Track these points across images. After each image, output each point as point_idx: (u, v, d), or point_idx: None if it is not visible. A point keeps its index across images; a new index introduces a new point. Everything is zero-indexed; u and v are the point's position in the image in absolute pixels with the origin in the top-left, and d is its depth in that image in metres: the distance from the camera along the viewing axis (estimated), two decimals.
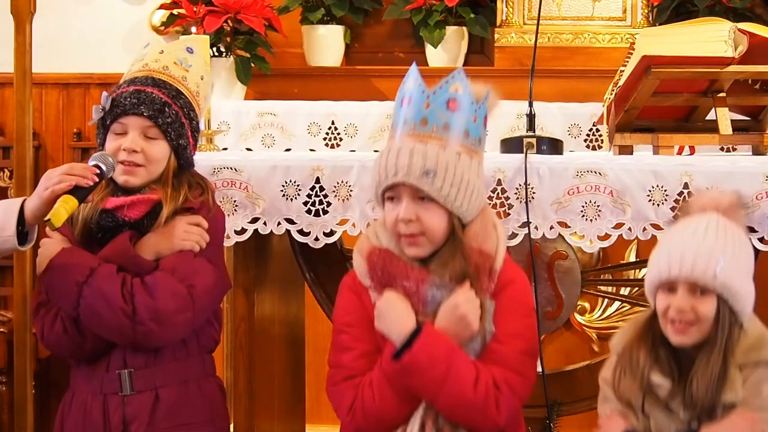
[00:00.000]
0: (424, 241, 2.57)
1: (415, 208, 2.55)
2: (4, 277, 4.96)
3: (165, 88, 2.77)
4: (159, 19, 5.06)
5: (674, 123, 3.41)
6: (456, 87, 2.56)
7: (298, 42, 4.96)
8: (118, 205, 2.73)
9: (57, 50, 5.03)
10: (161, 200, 2.74)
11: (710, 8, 4.60)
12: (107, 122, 2.77)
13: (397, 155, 2.54)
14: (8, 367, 3.84)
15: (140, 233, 2.74)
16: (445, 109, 2.55)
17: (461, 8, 4.80)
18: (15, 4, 3.48)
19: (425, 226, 2.55)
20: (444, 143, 2.54)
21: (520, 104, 3.32)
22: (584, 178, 3.01)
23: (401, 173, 2.53)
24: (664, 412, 2.45)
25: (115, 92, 2.78)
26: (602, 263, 4.44)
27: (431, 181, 2.52)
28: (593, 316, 4.59)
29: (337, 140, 4.57)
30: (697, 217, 2.49)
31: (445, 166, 2.52)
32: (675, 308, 2.43)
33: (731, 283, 2.41)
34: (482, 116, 2.60)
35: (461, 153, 2.55)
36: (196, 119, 2.83)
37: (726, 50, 3.19)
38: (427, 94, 2.56)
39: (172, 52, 2.84)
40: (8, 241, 2.70)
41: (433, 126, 2.55)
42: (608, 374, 2.55)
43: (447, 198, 2.53)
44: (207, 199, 2.80)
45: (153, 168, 2.76)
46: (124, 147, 2.73)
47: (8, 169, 4.91)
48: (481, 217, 2.62)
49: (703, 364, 2.42)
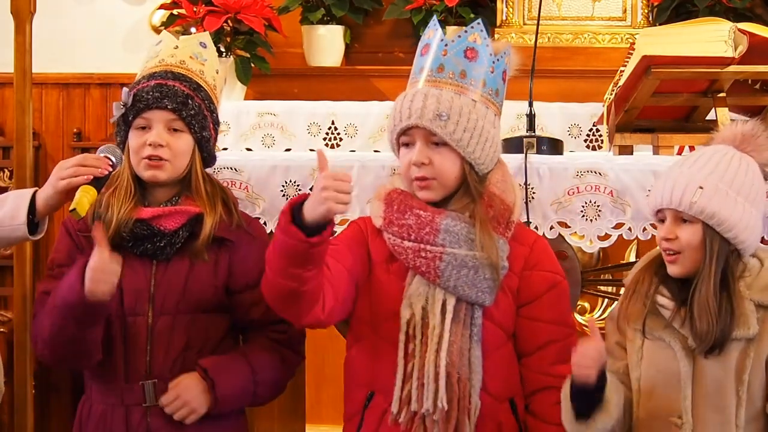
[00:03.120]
0: (436, 185, 2.58)
1: (427, 151, 2.56)
2: (4, 277, 4.96)
3: (186, 81, 2.74)
4: (159, 19, 5.06)
5: (674, 123, 3.42)
6: (475, 37, 2.58)
7: (298, 42, 4.96)
8: (154, 215, 2.70)
9: (57, 50, 5.04)
10: (198, 213, 2.71)
11: (710, 8, 4.61)
12: (129, 118, 2.72)
13: (412, 99, 2.56)
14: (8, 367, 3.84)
15: (173, 243, 2.70)
16: (463, 57, 2.57)
17: (461, 8, 4.81)
18: (15, 4, 3.48)
19: (437, 169, 2.56)
20: (460, 89, 2.56)
21: (520, 104, 3.32)
22: (584, 178, 3.01)
23: (415, 116, 2.54)
24: (669, 330, 2.48)
25: (135, 88, 2.73)
26: (602, 263, 4.43)
27: (444, 124, 2.53)
28: (593, 316, 4.59)
29: (337, 140, 4.58)
30: (703, 148, 2.55)
31: (459, 110, 2.54)
32: (661, 237, 2.49)
33: (713, 209, 2.44)
34: (500, 69, 2.61)
35: (477, 101, 2.57)
36: (216, 112, 2.81)
37: (726, 50, 3.19)
38: (446, 42, 2.59)
39: (187, 47, 2.82)
40: (19, 229, 2.72)
41: (449, 72, 2.57)
42: (615, 310, 2.61)
43: (459, 142, 2.54)
44: (240, 222, 2.76)
45: (178, 162, 2.72)
46: (149, 142, 2.68)
47: (8, 169, 4.92)
48: (501, 169, 2.64)
49: (697, 293, 2.45)
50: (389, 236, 2.60)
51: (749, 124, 2.56)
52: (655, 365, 2.50)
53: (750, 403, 2.44)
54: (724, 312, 2.43)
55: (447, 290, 2.56)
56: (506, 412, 2.61)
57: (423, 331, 2.56)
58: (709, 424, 2.44)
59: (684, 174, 2.48)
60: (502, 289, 2.59)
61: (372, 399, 2.61)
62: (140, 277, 2.70)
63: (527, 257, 2.63)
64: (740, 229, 2.46)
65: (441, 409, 2.52)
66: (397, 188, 2.65)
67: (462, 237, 2.56)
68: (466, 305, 2.56)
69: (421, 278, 2.57)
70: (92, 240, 2.65)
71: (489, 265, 2.55)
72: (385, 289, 2.61)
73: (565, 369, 2.56)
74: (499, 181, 2.61)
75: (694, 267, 2.47)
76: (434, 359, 2.54)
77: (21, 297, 3.43)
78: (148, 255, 2.70)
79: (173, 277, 2.71)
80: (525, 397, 2.64)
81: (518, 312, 2.63)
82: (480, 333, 2.57)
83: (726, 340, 2.43)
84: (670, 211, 2.48)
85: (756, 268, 2.48)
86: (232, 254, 2.75)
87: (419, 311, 2.56)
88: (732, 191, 2.46)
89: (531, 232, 2.76)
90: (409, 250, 2.57)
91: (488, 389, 2.57)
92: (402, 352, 2.56)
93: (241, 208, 2.89)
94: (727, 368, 2.44)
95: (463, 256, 2.55)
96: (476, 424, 2.56)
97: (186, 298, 2.71)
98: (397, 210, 2.60)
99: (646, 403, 2.51)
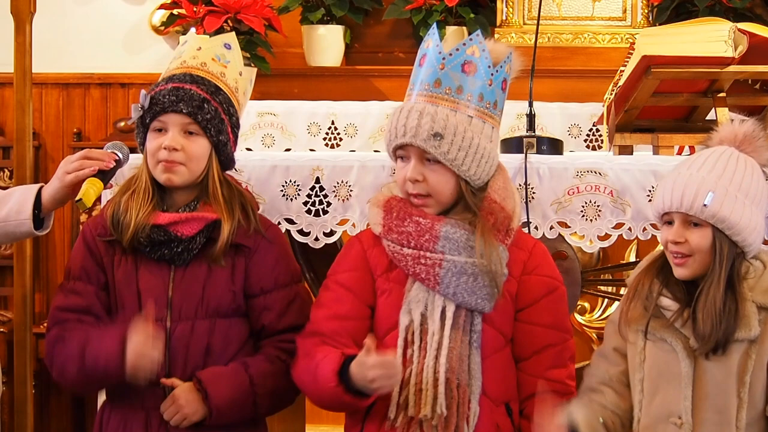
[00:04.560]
0: (432, 201, 2.58)
1: (421, 168, 2.56)
2: (4, 277, 4.96)
3: (203, 84, 2.73)
4: (159, 19, 5.06)
5: (674, 123, 3.42)
6: (473, 50, 2.57)
7: (298, 42, 4.96)
8: (172, 221, 2.69)
9: (57, 50, 5.04)
10: (215, 219, 2.70)
11: (710, 8, 4.60)
12: (147, 120, 2.72)
13: (407, 115, 2.55)
14: (8, 367, 3.84)
15: (190, 249, 2.70)
16: (460, 72, 2.56)
17: (461, 8, 4.81)
18: (15, 4, 3.48)
19: (432, 186, 2.56)
20: (456, 106, 2.55)
21: (520, 104, 3.32)
22: (584, 178, 3.01)
23: (409, 134, 2.54)
24: (670, 330, 2.48)
25: (153, 90, 2.73)
26: (602, 263, 4.44)
27: (438, 144, 2.52)
28: (593, 316, 4.59)
29: (337, 140, 4.58)
30: (707, 150, 2.54)
31: (454, 129, 2.53)
32: (669, 240, 2.48)
33: (724, 213, 2.43)
34: (499, 79, 2.60)
35: (473, 117, 2.56)
36: (236, 115, 2.79)
37: (726, 50, 3.19)
38: (443, 56, 2.57)
39: (210, 48, 2.81)
40: (24, 224, 2.72)
41: (446, 88, 2.56)
42: (615, 314, 2.60)
43: (454, 162, 2.54)
44: (258, 227, 2.76)
45: (194, 166, 2.71)
46: (164, 145, 2.68)
47: (8, 169, 4.92)
48: (502, 176, 2.64)
49: (703, 296, 2.44)
50: (388, 243, 2.60)
51: (748, 125, 2.56)
52: (657, 366, 2.50)
53: (751, 405, 2.44)
54: (728, 313, 2.42)
55: (446, 297, 2.55)
56: (503, 415, 2.60)
57: (422, 337, 2.56)
58: (710, 425, 2.44)
59: (693, 177, 2.47)
60: (501, 293, 2.58)
61: (373, 406, 2.59)
62: (158, 282, 2.70)
63: (526, 262, 2.63)
64: (748, 233, 2.46)
65: (440, 415, 2.52)
66: (395, 195, 2.64)
67: (462, 244, 2.55)
68: (466, 312, 2.56)
69: (420, 285, 2.57)
70: (110, 246, 2.69)
71: (488, 272, 2.54)
72: (386, 299, 2.62)
73: (561, 373, 2.57)
74: (500, 189, 2.61)
75: (702, 270, 2.47)
76: (433, 365, 2.54)
77: (21, 297, 3.43)
78: (165, 260, 2.70)
79: (191, 282, 2.71)
80: (520, 401, 2.63)
81: (516, 316, 2.62)
82: (479, 339, 2.57)
83: (728, 342, 2.42)
84: (679, 215, 2.47)
85: (759, 269, 2.48)
86: (248, 259, 2.75)
87: (418, 317, 2.57)
88: (740, 194, 2.46)
89: (530, 237, 2.76)
90: (409, 257, 2.57)
91: (487, 393, 2.57)
92: (400, 357, 2.56)
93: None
94: (729, 370, 2.44)
95: (463, 263, 2.55)
96: (478, 427, 2.55)
97: (204, 303, 2.70)
98: (396, 217, 2.60)
99: (648, 404, 2.51)
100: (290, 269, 2.80)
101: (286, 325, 2.74)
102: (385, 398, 2.57)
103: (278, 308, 2.75)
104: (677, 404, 2.46)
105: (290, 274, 2.79)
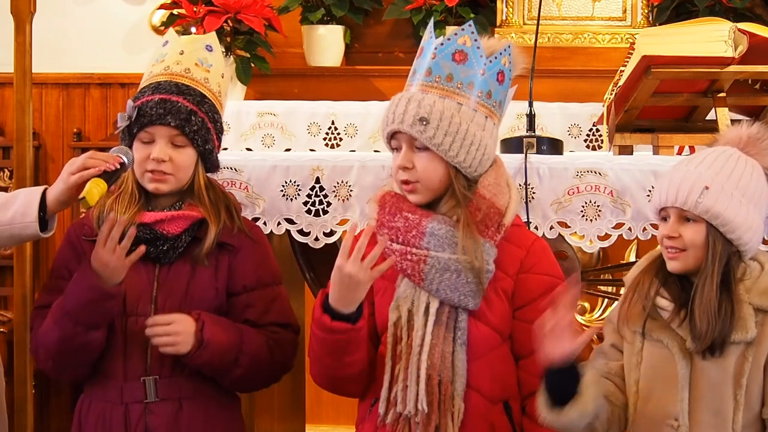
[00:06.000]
0: (420, 188, 2.58)
1: (411, 155, 2.57)
2: (4, 277, 4.96)
3: (189, 95, 2.76)
4: (159, 19, 5.06)
5: (674, 123, 3.42)
6: (464, 39, 2.57)
7: (298, 42, 4.96)
8: (158, 219, 2.72)
9: (57, 50, 5.04)
10: (200, 218, 2.74)
11: (710, 8, 4.61)
12: (134, 131, 2.75)
13: (397, 103, 2.57)
14: (8, 367, 3.84)
15: (176, 248, 2.73)
16: (450, 60, 2.56)
17: (461, 8, 4.81)
18: (15, 4, 3.47)
19: (420, 173, 2.56)
20: (445, 93, 2.55)
21: (520, 104, 3.32)
22: (584, 178, 3.01)
23: (396, 121, 2.55)
24: (667, 332, 2.48)
25: (139, 99, 2.75)
26: (602, 263, 4.44)
27: (423, 129, 2.53)
28: (593, 316, 4.59)
29: (337, 140, 4.58)
30: (708, 149, 2.55)
31: (440, 114, 2.53)
32: (664, 234, 2.49)
33: (718, 210, 2.43)
34: (494, 70, 2.59)
35: (463, 105, 2.56)
36: (219, 121, 2.84)
37: (726, 50, 3.19)
38: (435, 46, 2.58)
39: (193, 51, 2.82)
40: (30, 226, 2.73)
41: (435, 76, 2.56)
42: (613, 313, 2.60)
43: (440, 147, 2.54)
44: (242, 227, 2.80)
45: (181, 175, 2.75)
46: (152, 157, 2.72)
47: (8, 169, 4.92)
48: (495, 171, 2.62)
49: (699, 293, 2.44)
50: (381, 238, 2.60)
51: (753, 127, 2.56)
52: (653, 367, 2.50)
53: (747, 408, 2.43)
54: (724, 312, 2.42)
55: (431, 293, 2.56)
56: (499, 413, 2.60)
57: (409, 333, 2.57)
58: (706, 428, 2.43)
59: (690, 173, 2.48)
60: (496, 291, 2.58)
61: (374, 405, 2.60)
62: (143, 279, 2.73)
63: (523, 260, 2.62)
64: (743, 231, 2.46)
65: (422, 411, 2.52)
66: (390, 191, 2.65)
67: (446, 240, 2.55)
68: (450, 308, 2.56)
69: (408, 281, 2.58)
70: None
71: (472, 268, 2.54)
72: (381, 297, 2.63)
73: None
74: (490, 184, 2.59)
75: (695, 265, 2.47)
76: (416, 361, 2.54)
77: (21, 297, 3.43)
78: (150, 258, 2.72)
79: (175, 280, 2.74)
80: (522, 399, 2.63)
81: (514, 315, 2.62)
82: (465, 336, 2.56)
83: (724, 342, 2.42)
84: (675, 210, 2.48)
85: (756, 271, 2.48)
86: (232, 257, 2.78)
87: (405, 313, 2.57)
88: (737, 193, 2.46)
89: (530, 234, 2.74)
90: (397, 252, 2.57)
91: (481, 391, 2.57)
92: (390, 353, 2.57)
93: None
94: (725, 371, 2.43)
95: (446, 259, 2.54)
96: (468, 425, 2.54)
97: (188, 300, 2.73)
98: (388, 212, 2.61)
99: (643, 406, 2.50)
100: (273, 270, 2.84)
101: (268, 321, 2.78)
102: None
103: (261, 306, 2.78)
104: (673, 406, 2.45)
105: (273, 275, 2.83)
